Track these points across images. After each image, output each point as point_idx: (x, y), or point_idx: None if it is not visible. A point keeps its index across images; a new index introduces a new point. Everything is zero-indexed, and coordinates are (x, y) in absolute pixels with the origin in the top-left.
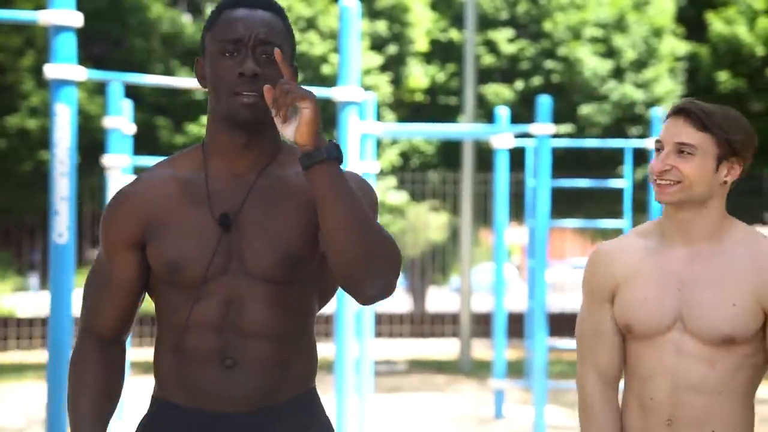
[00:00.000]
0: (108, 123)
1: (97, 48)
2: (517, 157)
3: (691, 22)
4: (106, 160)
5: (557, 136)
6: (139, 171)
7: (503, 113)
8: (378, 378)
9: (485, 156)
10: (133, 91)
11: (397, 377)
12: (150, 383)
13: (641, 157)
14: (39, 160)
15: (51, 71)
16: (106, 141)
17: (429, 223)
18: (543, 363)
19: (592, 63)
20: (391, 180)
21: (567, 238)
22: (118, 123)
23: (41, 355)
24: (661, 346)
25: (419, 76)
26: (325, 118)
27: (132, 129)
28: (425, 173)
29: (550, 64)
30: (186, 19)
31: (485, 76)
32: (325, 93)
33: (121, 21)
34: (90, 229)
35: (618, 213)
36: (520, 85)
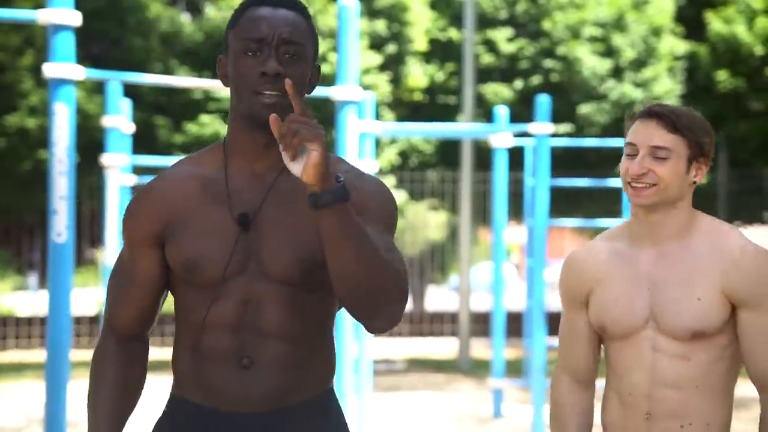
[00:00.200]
0: (107, 122)
1: (96, 47)
2: (516, 157)
3: (690, 21)
4: (105, 159)
5: (556, 135)
6: (138, 170)
7: (502, 112)
8: (377, 377)
9: (484, 155)
10: (132, 91)
11: (396, 376)
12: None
13: None
14: (38, 159)
15: (50, 70)
16: (105, 140)
17: (428, 222)
18: (542, 362)
19: (591, 62)
20: (390, 179)
21: (566, 237)
22: (116, 122)
23: (40, 355)
24: (638, 344)
25: (418, 75)
26: (324, 117)
27: (131, 128)
28: (424, 172)
29: (549, 63)
30: (185, 19)
31: (484, 75)
32: (324, 92)
33: (120, 20)
34: (89, 229)
35: (617, 212)
36: (519, 85)
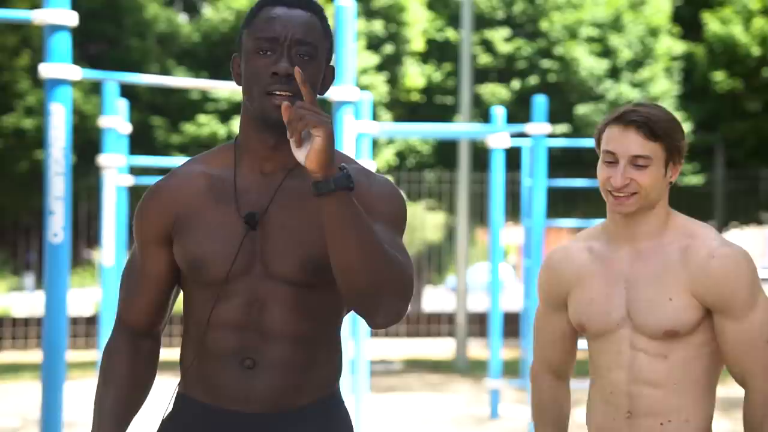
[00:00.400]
0: (104, 122)
1: (93, 47)
2: (514, 157)
3: (687, 21)
4: (101, 159)
5: (553, 135)
6: (135, 171)
7: (499, 113)
8: (374, 377)
9: (481, 155)
10: (129, 91)
11: (393, 377)
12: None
13: None
14: (35, 159)
15: (46, 70)
16: (101, 140)
17: (425, 223)
18: None
19: (588, 62)
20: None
21: (563, 237)
22: (113, 122)
23: (37, 355)
24: (617, 342)
25: (415, 75)
26: None
27: (127, 128)
28: (421, 173)
29: (546, 63)
30: (182, 19)
31: (481, 75)
32: None
33: (117, 20)
34: (86, 229)
35: None
36: (516, 85)
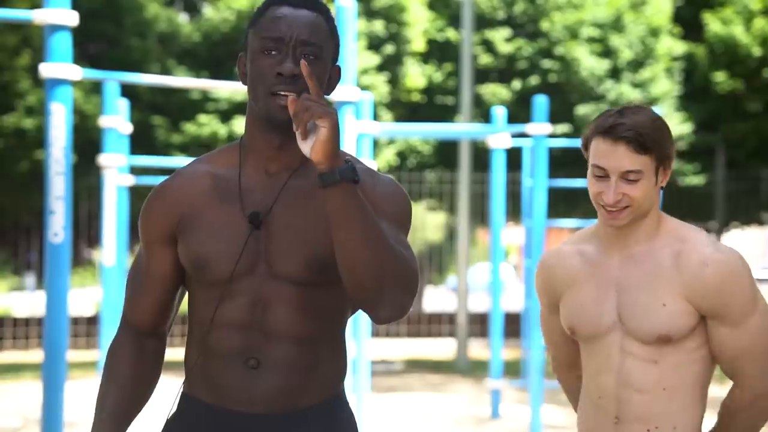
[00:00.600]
0: (104, 122)
1: (94, 47)
2: (514, 157)
3: (688, 22)
4: (102, 159)
5: (554, 135)
6: (136, 170)
7: (500, 113)
8: (375, 378)
9: (482, 156)
10: (130, 91)
11: (394, 377)
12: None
13: None
14: (35, 159)
15: (46, 70)
16: (102, 140)
17: (426, 223)
18: (539, 363)
19: (589, 63)
20: None
21: (564, 237)
22: (114, 122)
23: (37, 355)
24: (607, 346)
25: (416, 75)
26: None
27: (128, 128)
28: (422, 173)
29: (547, 63)
30: (183, 19)
31: (482, 75)
32: None
33: (118, 20)
34: (86, 229)
35: None
36: (517, 85)
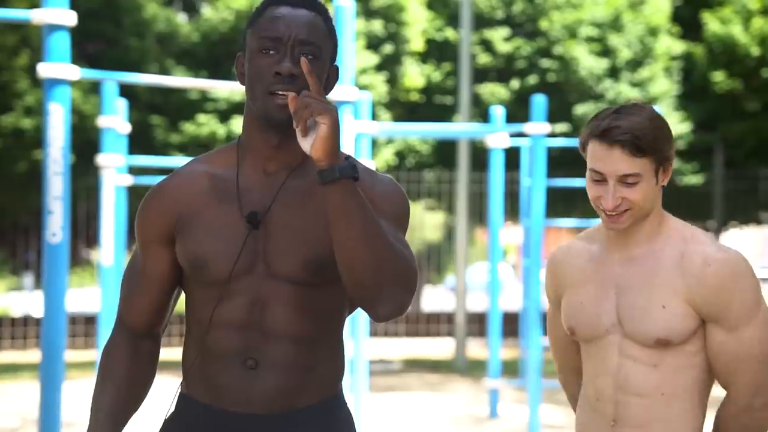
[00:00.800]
0: (103, 122)
1: (92, 47)
2: (513, 157)
3: (687, 21)
4: (100, 159)
5: (553, 135)
6: (134, 170)
7: (498, 112)
8: (373, 377)
9: (480, 155)
10: (128, 91)
11: (392, 376)
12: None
13: None
14: (34, 159)
15: (44, 70)
16: (100, 140)
17: (424, 223)
18: (538, 362)
19: (587, 62)
20: None
21: (562, 237)
22: (112, 122)
23: (35, 355)
24: (605, 348)
25: (415, 75)
26: None
27: (127, 128)
28: (421, 172)
29: (545, 63)
30: (181, 19)
31: (481, 75)
32: None
33: (116, 20)
34: (84, 229)
35: None
36: (515, 85)
